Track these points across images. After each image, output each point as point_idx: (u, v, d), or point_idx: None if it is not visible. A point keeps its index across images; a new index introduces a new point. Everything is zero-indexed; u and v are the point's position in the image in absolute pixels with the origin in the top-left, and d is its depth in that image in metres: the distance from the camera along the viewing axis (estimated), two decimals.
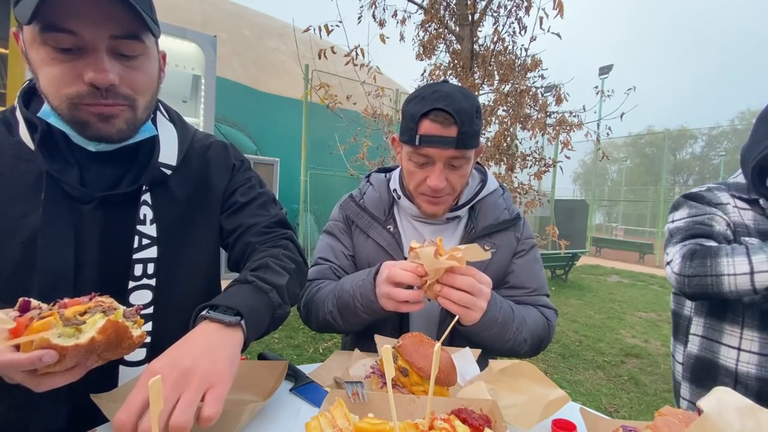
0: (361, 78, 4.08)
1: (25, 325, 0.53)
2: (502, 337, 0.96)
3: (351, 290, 0.96)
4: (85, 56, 0.64)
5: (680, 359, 1.32)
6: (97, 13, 0.62)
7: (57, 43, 0.62)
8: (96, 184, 0.74)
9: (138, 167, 0.79)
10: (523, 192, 4.23)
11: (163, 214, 0.79)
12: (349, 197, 1.18)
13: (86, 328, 0.54)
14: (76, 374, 0.57)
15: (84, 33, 0.62)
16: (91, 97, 0.66)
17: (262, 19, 16.73)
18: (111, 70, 0.65)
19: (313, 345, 3.97)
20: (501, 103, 4.10)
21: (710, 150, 39.86)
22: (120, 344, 0.58)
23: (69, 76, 0.64)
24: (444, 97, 0.94)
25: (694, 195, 1.30)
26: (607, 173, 43.54)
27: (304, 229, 8.47)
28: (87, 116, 0.67)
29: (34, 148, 0.70)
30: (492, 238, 1.08)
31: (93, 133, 0.69)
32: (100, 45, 0.64)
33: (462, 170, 1.00)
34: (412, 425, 0.58)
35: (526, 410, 0.72)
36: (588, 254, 13.24)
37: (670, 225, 1.32)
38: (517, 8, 3.98)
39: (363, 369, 0.88)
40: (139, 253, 0.76)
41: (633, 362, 4.20)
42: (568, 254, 7.99)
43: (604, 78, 14.28)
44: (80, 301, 0.57)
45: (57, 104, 0.67)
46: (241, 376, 0.81)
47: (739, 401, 0.54)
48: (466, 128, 0.93)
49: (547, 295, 1.12)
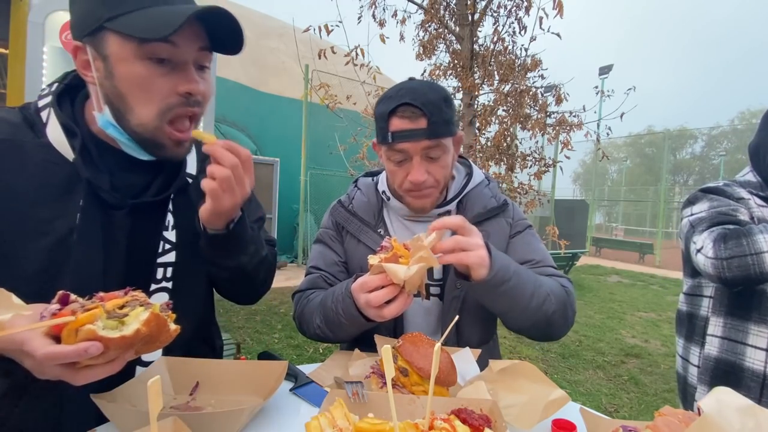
0: (361, 78, 4.08)
1: None
2: (524, 290, 0.89)
3: (333, 306, 0.95)
4: (178, 70, 0.71)
5: (696, 362, 1.27)
6: (190, 32, 0.70)
7: (155, 54, 0.68)
8: (124, 190, 0.77)
9: (166, 175, 0.83)
10: (523, 192, 4.23)
11: (183, 220, 0.84)
12: (338, 203, 1.17)
13: (129, 320, 0.55)
14: (116, 367, 0.57)
15: (182, 47, 0.70)
16: (180, 107, 0.73)
17: (262, 19, 16.70)
18: (198, 80, 0.73)
19: (313, 345, 3.97)
20: (501, 103, 4.09)
21: (710, 150, 39.87)
22: (158, 337, 0.59)
23: (164, 90, 0.71)
24: (409, 92, 0.96)
25: (714, 189, 1.25)
26: (607, 173, 43.58)
27: (304, 229, 8.47)
28: (165, 140, 0.74)
29: (72, 154, 0.72)
30: (483, 226, 1.07)
31: (163, 155, 0.76)
32: (189, 57, 0.72)
33: (441, 161, 1.00)
34: (412, 425, 0.58)
35: (526, 410, 0.72)
36: (588, 254, 13.25)
37: (689, 218, 1.25)
38: (517, 8, 3.98)
39: (363, 369, 0.88)
40: (161, 257, 0.80)
41: (633, 362, 4.21)
42: (568, 254, 7.98)
43: (604, 78, 14.27)
44: (116, 295, 0.58)
45: (143, 121, 0.71)
46: (241, 376, 0.82)
47: (739, 401, 0.54)
48: (435, 118, 0.94)
49: (554, 267, 1.07)
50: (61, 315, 0.52)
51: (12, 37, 2.64)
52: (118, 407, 0.63)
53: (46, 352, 0.50)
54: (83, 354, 0.50)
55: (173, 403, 0.76)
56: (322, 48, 3.83)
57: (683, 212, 1.33)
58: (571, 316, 1.00)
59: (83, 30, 0.69)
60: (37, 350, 0.50)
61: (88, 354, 0.50)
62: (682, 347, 1.40)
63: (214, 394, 0.80)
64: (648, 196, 25.35)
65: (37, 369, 0.54)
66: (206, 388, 0.80)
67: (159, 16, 0.65)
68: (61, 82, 0.78)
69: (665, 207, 15.93)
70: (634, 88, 4.06)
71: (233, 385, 0.81)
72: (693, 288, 1.35)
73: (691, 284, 1.37)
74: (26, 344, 0.51)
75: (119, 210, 0.75)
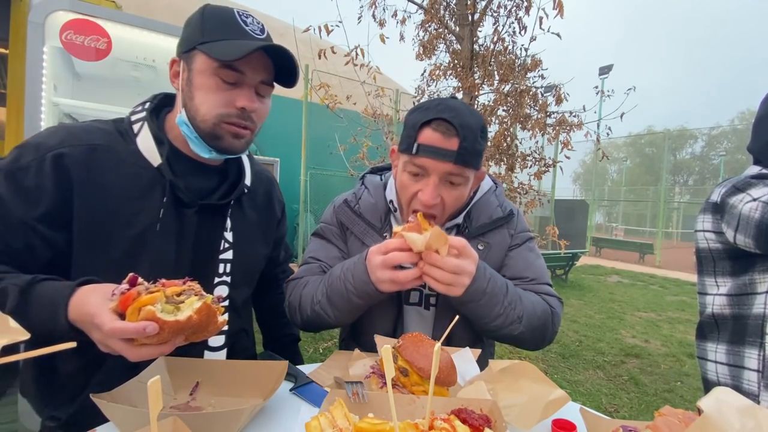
0: (361, 78, 4.08)
1: (133, 298, 0.61)
2: (490, 311, 0.92)
3: (342, 275, 0.94)
4: (240, 89, 0.85)
5: (754, 366, 1.17)
6: (257, 64, 0.85)
7: (226, 78, 0.83)
8: (195, 192, 0.90)
9: (229, 184, 0.99)
10: (523, 192, 4.23)
11: (237, 224, 0.98)
12: (344, 202, 1.13)
13: (184, 307, 0.62)
14: (165, 350, 0.65)
15: (247, 73, 0.84)
16: (235, 118, 0.85)
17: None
18: (254, 100, 0.87)
19: (313, 345, 3.97)
20: (501, 103, 4.09)
21: (710, 150, 39.86)
22: (207, 327, 0.66)
23: (225, 101, 0.84)
24: (449, 109, 0.92)
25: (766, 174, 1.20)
26: (607, 173, 43.58)
27: (304, 229, 8.46)
28: (224, 133, 0.86)
29: (157, 160, 0.85)
30: (485, 236, 1.07)
31: (224, 146, 0.87)
32: (252, 84, 0.86)
33: (458, 190, 0.96)
34: (412, 425, 0.58)
35: (526, 410, 0.72)
36: (588, 254, 13.24)
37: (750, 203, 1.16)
38: (517, 8, 3.97)
39: (363, 369, 0.89)
40: (222, 254, 0.95)
41: (633, 362, 4.20)
42: (568, 254, 7.98)
43: (604, 78, 14.29)
44: (176, 284, 0.65)
45: (205, 117, 0.84)
46: (241, 376, 0.82)
47: (739, 401, 0.54)
48: (468, 144, 0.90)
49: (549, 285, 1.07)
50: (128, 295, 0.61)
51: (12, 37, 2.64)
52: (118, 407, 0.63)
53: (113, 327, 0.59)
54: (141, 332, 0.58)
55: (173, 403, 0.76)
56: (322, 48, 3.82)
57: (733, 198, 1.22)
58: (550, 335, 1.02)
59: (182, 48, 0.86)
60: (105, 324, 0.60)
61: (146, 332, 0.58)
62: (726, 353, 1.27)
63: (214, 394, 0.80)
64: (648, 196, 25.32)
65: (102, 341, 0.63)
66: (206, 388, 0.80)
67: (236, 46, 0.81)
68: (152, 102, 0.93)
69: (665, 207, 15.92)
70: (634, 88, 4.05)
71: (233, 385, 0.81)
72: (739, 287, 1.24)
73: (733, 284, 1.26)
74: (96, 317, 0.61)
75: (190, 209, 0.88)
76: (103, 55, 2.48)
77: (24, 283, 0.70)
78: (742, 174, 1.29)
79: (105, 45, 2.47)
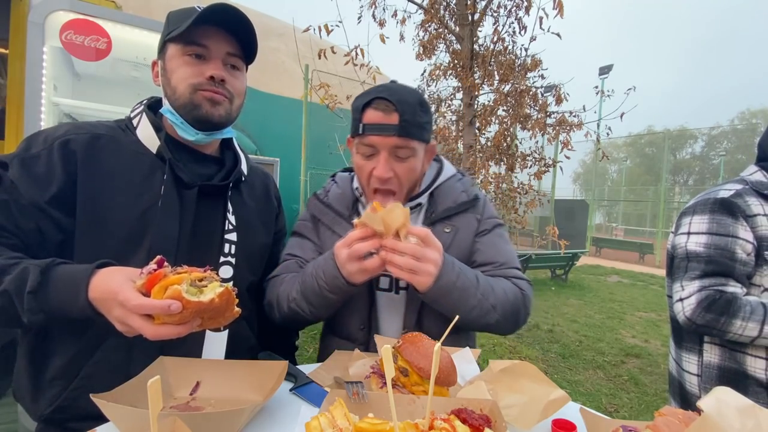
0: (361, 78, 4.08)
1: (161, 277, 0.64)
2: (465, 304, 0.94)
3: (314, 272, 0.97)
4: (208, 62, 0.92)
5: (695, 370, 1.24)
6: (220, 38, 0.92)
7: (192, 52, 0.90)
8: (194, 178, 0.94)
9: (226, 170, 1.04)
10: (523, 192, 4.23)
11: (237, 209, 1.03)
12: (314, 196, 1.20)
13: (207, 290, 0.65)
14: (183, 332, 0.67)
15: (210, 46, 0.92)
16: (207, 85, 0.91)
17: (262, 19, 16.69)
18: (221, 68, 0.93)
19: (313, 345, 3.97)
20: (501, 103, 4.09)
21: (710, 150, 39.82)
22: (224, 313, 0.69)
23: (195, 72, 0.91)
24: (387, 89, 0.99)
25: (725, 203, 1.18)
26: (607, 173, 43.55)
27: None
28: (201, 100, 0.91)
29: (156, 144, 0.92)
30: (451, 220, 1.10)
31: (202, 114, 0.92)
32: (218, 56, 0.93)
33: (408, 162, 1.01)
34: (412, 425, 0.58)
35: (526, 410, 0.72)
36: (588, 254, 13.24)
37: (692, 237, 1.20)
38: (517, 8, 3.97)
39: (363, 369, 0.89)
40: (227, 234, 0.98)
41: (633, 362, 4.21)
42: (568, 254, 7.99)
43: (604, 78, 14.28)
44: (198, 270, 0.68)
45: (181, 91, 0.90)
46: (241, 376, 0.82)
47: (739, 401, 0.54)
48: (408, 117, 0.96)
49: (518, 269, 1.10)
50: (156, 274, 0.64)
51: (12, 37, 2.64)
52: (118, 407, 0.62)
53: (139, 302, 0.62)
54: (166, 309, 0.61)
55: (173, 403, 0.76)
56: (322, 48, 3.82)
57: (682, 219, 1.27)
58: (523, 317, 1.05)
59: (158, 50, 0.96)
60: (131, 300, 0.63)
61: (171, 310, 0.61)
62: (674, 352, 1.37)
63: (214, 394, 0.80)
64: (648, 196, 25.33)
65: (122, 318, 0.65)
66: (206, 388, 0.81)
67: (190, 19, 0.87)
68: (149, 100, 1.01)
69: (665, 207, 15.92)
70: (634, 88, 4.05)
71: (233, 385, 0.81)
72: None
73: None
74: (120, 294, 0.64)
75: (190, 189, 0.92)
76: (103, 55, 2.48)
77: (44, 264, 0.73)
78: (740, 174, 1.31)
79: (105, 45, 2.47)
